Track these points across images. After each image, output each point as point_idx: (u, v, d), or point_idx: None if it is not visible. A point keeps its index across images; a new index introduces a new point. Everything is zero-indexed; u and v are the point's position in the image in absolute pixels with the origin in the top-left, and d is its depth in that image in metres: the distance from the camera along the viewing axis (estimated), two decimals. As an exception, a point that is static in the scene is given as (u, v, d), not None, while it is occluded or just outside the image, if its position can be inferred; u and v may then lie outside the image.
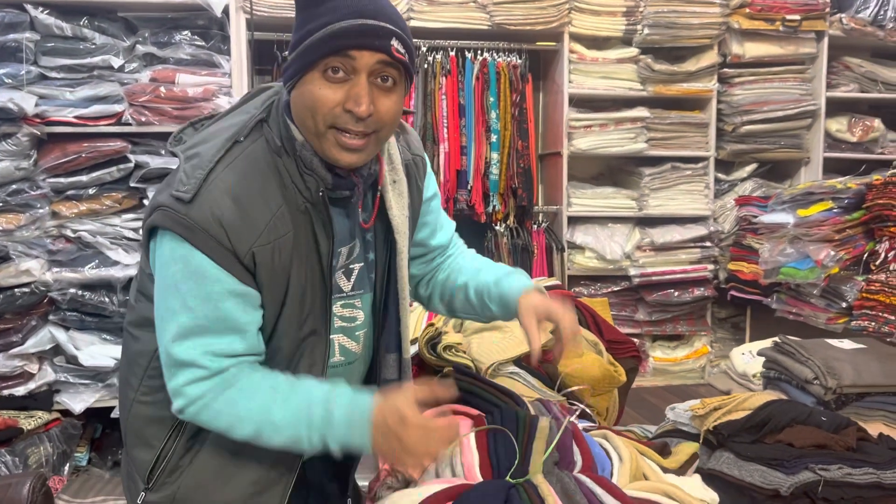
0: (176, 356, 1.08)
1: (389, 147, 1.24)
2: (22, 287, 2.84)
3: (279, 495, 1.21)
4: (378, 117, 1.08)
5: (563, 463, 1.23)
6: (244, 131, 1.12)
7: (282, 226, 1.09)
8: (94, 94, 2.89)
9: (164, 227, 1.06)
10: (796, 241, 3.10)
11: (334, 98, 1.05)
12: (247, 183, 1.08)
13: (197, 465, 1.17)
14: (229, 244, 1.04)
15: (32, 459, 2.59)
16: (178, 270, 1.06)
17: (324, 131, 1.07)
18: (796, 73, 3.81)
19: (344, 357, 1.26)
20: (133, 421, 1.22)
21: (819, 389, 1.82)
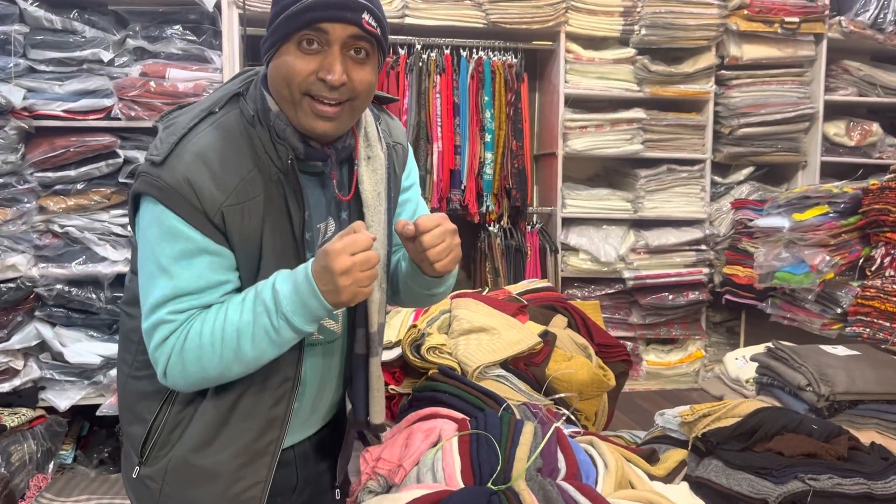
0: (151, 320, 1.12)
1: (366, 125, 1.26)
2: (8, 282, 2.82)
3: (266, 467, 1.22)
4: (352, 86, 1.12)
5: (546, 470, 1.21)
6: (220, 103, 1.17)
7: (251, 189, 1.13)
8: (84, 88, 2.86)
9: (140, 191, 1.11)
10: (791, 246, 3.07)
11: (308, 68, 1.10)
12: (217, 148, 1.12)
13: (185, 439, 1.19)
14: (199, 204, 1.09)
15: (15, 457, 2.55)
16: (154, 233, 1.10)
17: (298, 99, 1.11)
18: (794, 75, 3.79)
19: (323, 336, 1.28)
20: (127, 397, 1.27)
21: (812, 396, 1.80)
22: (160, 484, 1.20)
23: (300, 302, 1.08)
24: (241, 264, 1.15)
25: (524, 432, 1.27)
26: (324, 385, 1.33)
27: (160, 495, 1.20)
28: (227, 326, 1.10)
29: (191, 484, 1.20)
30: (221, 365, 1.11)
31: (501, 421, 1.32)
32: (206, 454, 1.19)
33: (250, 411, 1.20)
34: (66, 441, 2.97)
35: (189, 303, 1.11)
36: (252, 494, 1.22)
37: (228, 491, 1.20)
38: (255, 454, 1.21)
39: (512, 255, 3.62)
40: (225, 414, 1.19)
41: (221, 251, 1.12)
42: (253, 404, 1.20)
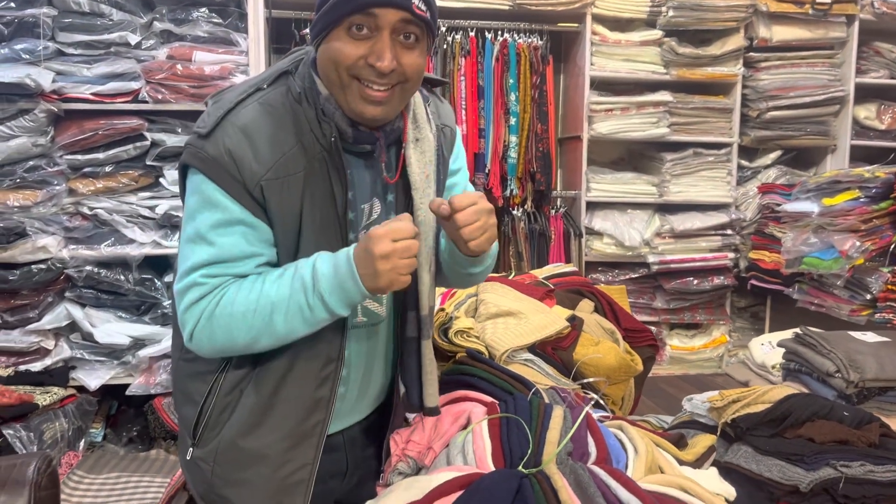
0: (184, 282, 1.14)
1: (415, 106, 1.26)
2: (38, 263, 2.86)
3: (313, 448, 1.23)
4: (402, 71, 1.11)
5: (576, 454, 1.21)
6: (268, 80, 1.18)
7: (292, 165, 1.13)
8: (111, 71, 2.87)
9: (185, 162, 1.13)
10: (820, 231, 3.04)
11: (357, 53, 1.10)
12: (260, 122, 1.13)
13: (234, 421, 1.21)
14: (239, 175, 1.10)
15: (48, 435, 2.60)
16: (196, 201, 1.12)
17: (348, 82, 1.11)
18: (825, 57, 3.72)
19: (367, 318, 1.28)
20: (179, 379, 1.29)
21: (841, 383, 1.78)
22: (211, 465, 1.22)
23: (338, 283, 1.09)
24: (280, 240, 1.16)
25: (554, 416, 1.27)
26: (370, 368, 1.33)
27: (212, 476, 1.23)
28: (261, 298, 1.11)
29: (240, 466, 1.21)
30: (250, 335, 1.12)
31: (531, 405, 1.32)
32: (253, 437, 1.20)
33: (294, 394, 1.21)
34: (96, 420, 3.03)
35: (223, 269, 1.13)
36: (300, 477, 1.23)
37: (277, 473, 1.22)
38: (301, 436, 1.22)
39: (536, 239, 3.61)
40: (269, 397, 1.20)
41: (258, 224, 1.13)
42: (297, 387, 1.21)
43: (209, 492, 1.25)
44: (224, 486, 1.23)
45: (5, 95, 2.74)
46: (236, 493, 1.23)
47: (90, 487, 2.54)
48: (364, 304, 1.26)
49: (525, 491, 1.08)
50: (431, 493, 1.12)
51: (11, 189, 2.82)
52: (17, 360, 2.90)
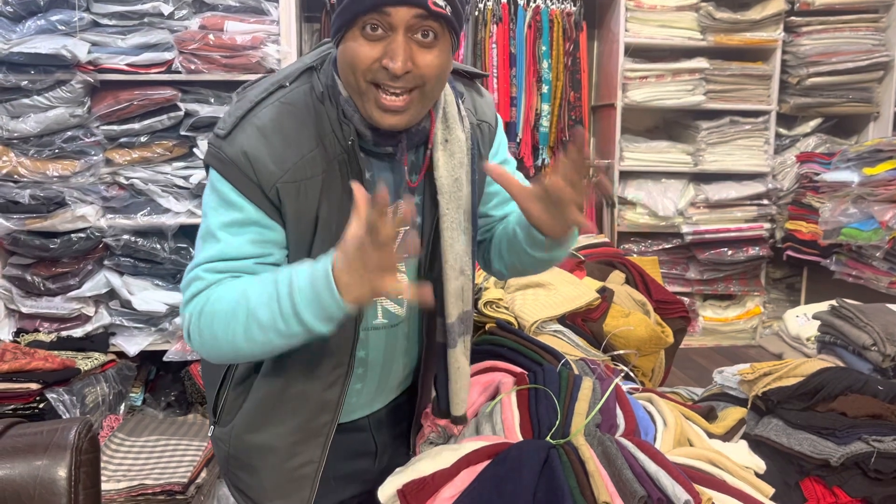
0: (187, 277, 1.12)
1: (446, 104, 1.20)
2: (78, 232, 2.92)
3: (320, 447, 1.23)
4: (419, 73, 1.05)
5: (605, 426, 1.21)
6: (291, 77, 1.14)
7: (310, 168, 1.10)
8: (145, 42, 2.89)
9: (206, 162, 1.13)
10: (860, 201, 2.97)
11: (372, 55, 1.04)
12: (280, 123, 1.10)
13: (245, 411, 1.23)
14: (255, 177, 1.07)
15: (89, 399, 2.68)
16: (212, 201, 1.11)
17: (364, 88, 1.06)
18: (869, 21, 3.60)
19: (387, 319, 1.25)
20: (204, 362, 1.31)
21: (877, 356, 1.76)
22: (227, 447, 1.25)
23: (314, 295, 0.99)
24: (293, 242, 1.13)
25: (583, 388, 1.27)
26: (388, 367, 1.30)
27: (227, 456, 1.26)
28: (241, 301, 1.05)
29: (250, 454, 1.23)
30: (232, 340, 1.06)
31: (560, 376, 1.32)
32: (262, 430, 1.22)
33: (302, 395, 1.20)
34: (136, 384, 3.10)
35: (227, 266, 1.10)
36: (307, 472, 1.23)
37: (285, 464, 1.22)
38: (309, 433, 1.22)
39: (567, 208, 3.58)
40: (277, 393, 1.20)
41: (272, 225, 1.11)
42: (304, 389, 1.19)
43: (228, 469, 1.29)
44: (238, 468, 1.26)
45: (43, 67, 2.78)
46: (248, 476, 1.25)
47: (131, 450, 2.62)
48: (384, 306, 1.23)
49: (553, 461, 1.09)
50: (460, 462, 1.14)
51: (51, 159, 2.88)
52: (60, 327, 2.98)
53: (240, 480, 1.27)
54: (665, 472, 1.05)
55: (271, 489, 1.24)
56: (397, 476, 1.18)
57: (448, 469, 1.13)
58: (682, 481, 1.04)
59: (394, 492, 1.15)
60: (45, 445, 0.95)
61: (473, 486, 1.08)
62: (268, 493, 1.25)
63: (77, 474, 0.95)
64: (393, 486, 1.16)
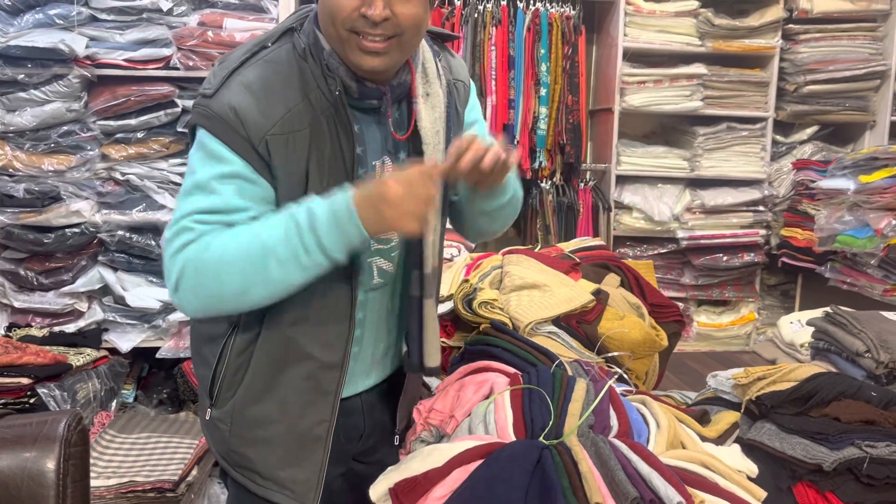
0: (174, 228, 1.11)
1: (424, 60, 1.24)
2: (72, 227, 2.91)
3: (329, 406, 1.24)
4: (396, 21, 1.09)
5: (598, 427, 1.21)
6: (272, 38, 1.18)
7: (298, 121, 1.12)
8: (144, 38, 2.89)
9: (193, 123, 1.13)
10: (856, 209, 2.98)
11: (351, 4, 1.08)
12: (265, 79, 1.12)
13: (247, 382, 1.22)
14: (244, 131, 1.09)
15: (81, 395, 2.67)
16: (199, 157, 1.12)
17: (346, 36, 1.10)
18: (867, 30, 3.61)
19: (382, 279, 1.29)
20: (195, 340, 1.31)
21: (870, 363, 1.76)
22: (229, 425, 1.24)
23: (336, 225, 1.05)
24: (283, 197, 1.14)
25: (577, 389, 1.27)
26: (382, 328, 1.34)
27: (230, 436, 1.25)
28: (253, 241, 1.06)
29: (256, 424, 1.23)
30: (242, 283, 1.07)
31: (554, 377, 1.32)
32: (268, 398, 1.22)
33: (306, 357, 1.21)
34: (128, 381, 3.09)
35: (217, 218, 1.10)
36: (318, 433, 1.25)
37: (293, 430, 1.23)
38: (316, 395, 1.23)
39: (564, 212, 3.59)
40: (280, 360, 1.21)
41: (259, 180, 1.12)
42: (308, 352, 1.21)
43: (229, 451, 1.27)
44: (243, 445, 1.25)
45: (40, 61, 2.77)
46: (255, 452, 1.25)
47: (121, 446, 2.61)
48: (379, 266, 1.26)
49: (545, 462, 1.09)
50: (452, 461, 1.13)
51: (46, 153, 2.87)
52: (52, 322, 2.97)
53: (245, 459, 1.26)
54: (658, 474, 1.05)
55: (283, 458, 1.24)
56: (389, 475, 1.17)
57: (440, 468, 1.13)
58: (674, 483, 1.03)
59: (385, 490, 1.15)
60: (33, 437, 0.94)
61: (465, 485, 1.08)
62: (280, 462, 1.24)
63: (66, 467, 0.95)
64: (385, 484, 1.15)
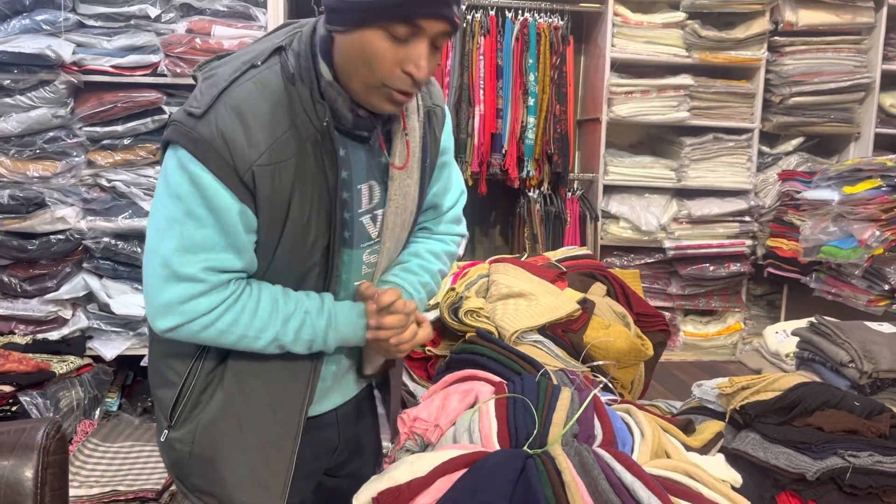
0: (176, 269, 1.09)
1: None
2: (57, 234, 2.89)
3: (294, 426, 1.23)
4: (424, 76, 1.08)
5: (582, 436, 1.21)
6: (262, 56, 1.13)
7: (284, 151, 1.09)
8: (131, 44, 2.88)
9: (174, 140, 1.08)
10: (840, 220, 3.00)
11: (394, 57, 1.05)
12: (255, 103, 1.08)
13: (215, 402, 1.19)
14: (231, 160, 1.06)
15: (64, 403, 2.64)
16: (184, 181, 1.07)
17: (378, 85, 1.08)
18: (852, 43, 3.66)
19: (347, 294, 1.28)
20: (156, 360, 1.25)
21: (854, 373, 1.77)
22: (189, 446, 1.20)
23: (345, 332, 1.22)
24: (263, 225, 1.12)
25: (561, 398, 1.27)
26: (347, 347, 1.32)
27: (189, 457, 1.21)
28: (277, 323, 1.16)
29: (219, 446, 1.20)
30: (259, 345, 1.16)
31: (538, 385, 1.32)
32: (232, 418, 1.20)
33: (272, 375, 1.21)
34: (112, 389, 3.07)
35: (218, 262, 1.10)
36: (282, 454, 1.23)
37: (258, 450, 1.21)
38: (283, 415, 1.22)
39: (551, 221, 3.60)
40: (250, 380, 1.20)
41: (246, 211, 1.09)
42: (274, 368, 1.21)
43: (187, 474, 1.23)
44: (202, 467, 1.21)
45: (26, 66, 2.75)
46: (215, 475, 1.21)
47: (104, 455, 2.59)
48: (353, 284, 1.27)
49: (529, 471, 1.08)
50: (436, 470, 1.12)
51: (31, 159, 2.85)
52: (36, 329, 2.94)
53: (205, 481, 1.22)
54: (641, 484, 1.04)
55: (245, 480, 1.22)
56: (372, 484, 1.16)
57: (424, 477, 1.12)
58: (658, 493, 1.03)
59: (369, 500, 1.14)
60: (11, 445, 0.93)
61: (449, 494, 1.07)
62: (241, 485, 1.22)
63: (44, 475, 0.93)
64: (368, 493, 1.15)
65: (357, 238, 1.21)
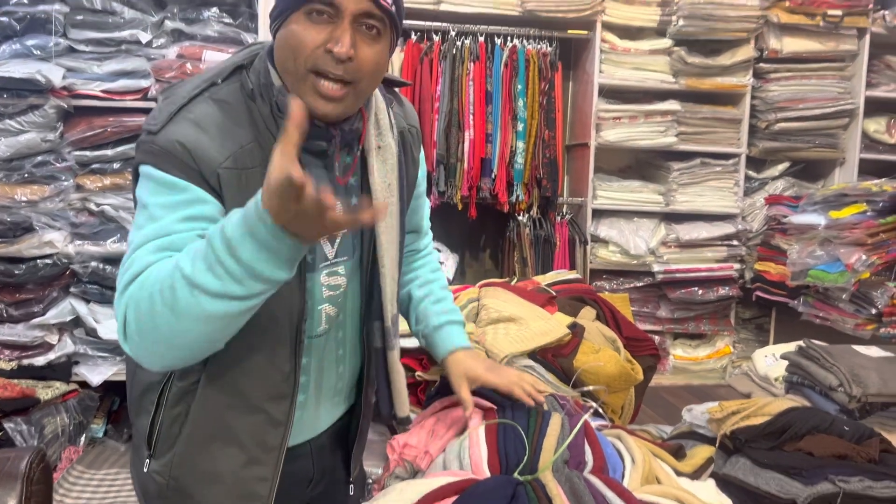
0: (122, 266, 1.01)
1: (377, 112, 1.22)
2: (44, 258, 2.87)
3: (273, 464, 1.18)
4: (358, 65, 1.05)
5: (573, 462, 1.20)
6: (222, 75, 1.12)
7: (250, 159, 1.07)
8: (122, 69, 2.89)
9: (139, 161, 1.05)
10: (827, 244, 3.03)
11: (317, 38, 1.04)
12: (215, 117, 1.06)
13: (185, 434, 1.15)
14: (194, 164, 1.03)
15: (48, 430, 2.61)
16: (148, 189, 1.03)
17: (304, 74, 1.05)
18: (835, 70, 3.71)
19: (327, 325, 1.23)
20: (133, 388, 1.21)
21: (843, 397, 1.77)
22: (167, 479, 1.16)
23: (246, 236, 0.89)
24: None
25: (552, 423, 1.26)
26: (329, 374, 1.28)
27: (167, 489, 1.17)
28: (179, 275, 0.92)
29: (195, 480, 1.16)
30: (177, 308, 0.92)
31: (529, 411, 1.32)
32: (207, 453, 1.15)
33: (249, 410, 1.15)
34: (98, 415, 3.04)
35: (169, 242, 0.99)
36: (260, 491, 1.18)
37: (234, 488, 1.16)
38: (259, 452, 1.17)
39: (541, 245, 3.61)
40: (222, 414, 1.13)
41: (211, 200, 1.04)
42: (252, 403, 1.15)
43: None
44: (180, 500, 1.17)
45: (16, 91, 2.76)
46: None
47: (89, 482, 2.55)
48: (328, 312, 1.21)
49: (520, 498, 1.07)
50: (426, 498, 1.11)
51: (19, 184, 2.84)
52: (21, 354, 2.91)
53: None
54: (632, 510, 1.04)
55: None
56: (362, 511, 1.15)
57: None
58: (649, 519, 1.03)
59: (358, 528, 1.13)
60: (-5, 475, 0.92)
61: (439, 522, 1.06)
62: None
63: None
64: (357, 521, 1.13)
65: (317, 259, 1.18)
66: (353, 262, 1.25)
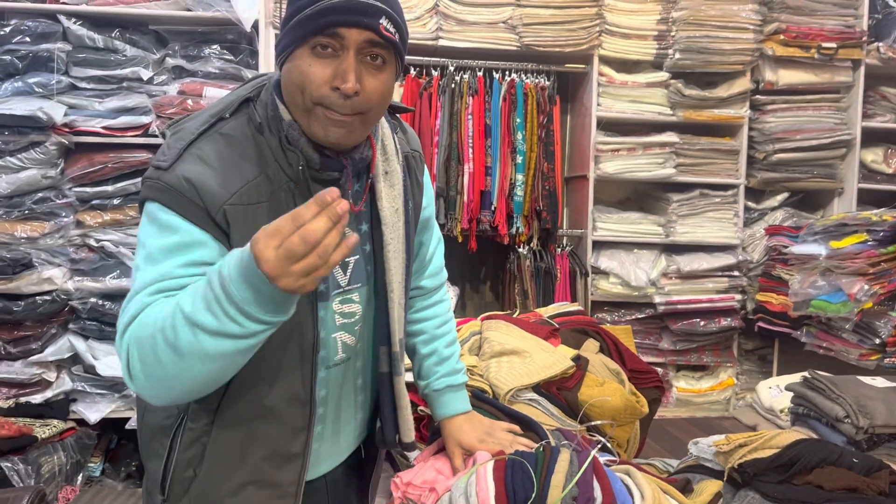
0: (123, 308, 1.02)
1: (383, 137, 1.23)
2: (43, 295, 2.86)
3: (291, 498, 1.18)
4: (365, 97, 1.06)
5: (582, 498, 1.18)
6: (230, 109, 1.12)
7: (256, 194, 1.07)
8: (123, 106, 2.91)
9: (145, 197, 1.06)
10: (828, 274, 3.02)
11: (322, 75, 1.04)
12: (222, 152, 1.07)
13: (202, 477, 1.14)
14: (200, 202, 1.03)
15: (45, 469, 2.57)
16: (151, 231, 1.04)
17: (311, 107, 1.06)
18: (831, 101, 3.75)
19: (346, 353, 1.24)
20: (144, 432, 1.21)
21: (850, 429, 1.75)
22: None
23: (243, 284, 0.89)
24: None
25: (560, 459, 1.24)
26: (346, 405, 1.28)
27: None
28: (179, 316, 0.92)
29: None
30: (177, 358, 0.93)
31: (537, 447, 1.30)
32: (225, 493, 1.14)
33: (264, 444, 1.14)
34: (95, 454, 3.00)
35: (166, 286, 1.00)
36: None
37: None
38: (278, 488, 1.16)
39: (541, 277, 3.60)
40: (237, 453, 1.13)
41: (217, 246, 1.04)
42: (266, 437, 1.14)
43: None
44: None
45: (17, 128, 2.77)
46: None
47: (86, 523, 2.51)
48: (343, 340, 1.22)
49: (528, 536, 1.05)
50: (432, 537, 1.09)
51: (19, 220, 2.84)
52: (18, 392, 2.88)
53: None
54: (643, 548, 1.02)
55: None
56: (367, 551, 1.13)
57: (420, 544, 1.09)
58: (660, 557, 1.00)
59: (363, 568, 1.10)
60: (-6, 517, 0.90)
61: (446, 562, 1.04)
62: None
63: (26, 549, 0.90)
64: (362, 562, 1.11)
65: (330, 287, 1.18)
66: (369, 288, 1.25)
